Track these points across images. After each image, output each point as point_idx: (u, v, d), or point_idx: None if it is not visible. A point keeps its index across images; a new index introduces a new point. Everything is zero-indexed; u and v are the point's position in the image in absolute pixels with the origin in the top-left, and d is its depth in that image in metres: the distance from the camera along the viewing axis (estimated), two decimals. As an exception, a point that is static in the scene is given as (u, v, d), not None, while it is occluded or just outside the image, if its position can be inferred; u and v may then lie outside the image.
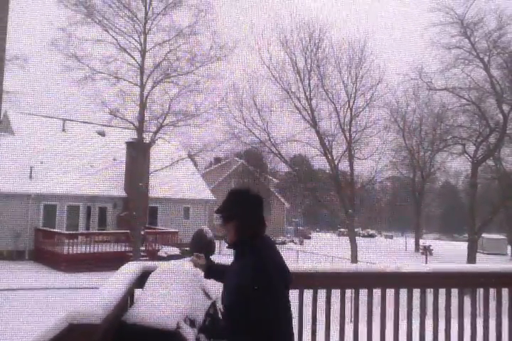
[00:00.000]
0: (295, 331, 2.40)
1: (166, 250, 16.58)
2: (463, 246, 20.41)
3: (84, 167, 19.09)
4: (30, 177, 17.73)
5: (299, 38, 20.29)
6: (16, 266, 15.88)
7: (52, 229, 18.08)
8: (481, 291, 3.55)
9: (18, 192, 17.30)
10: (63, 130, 20.29)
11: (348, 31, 26.08)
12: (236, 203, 2.32)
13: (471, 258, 19.07)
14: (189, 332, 2.52)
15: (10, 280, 12.78)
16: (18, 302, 9.91)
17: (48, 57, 16.47)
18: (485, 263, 18.07)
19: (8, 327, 8.17)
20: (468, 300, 3.45)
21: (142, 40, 17.94)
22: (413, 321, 3.31)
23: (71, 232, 18.08)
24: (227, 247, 2.32)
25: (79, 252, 16.92)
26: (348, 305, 3.27)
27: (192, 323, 2.59)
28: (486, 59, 19.99)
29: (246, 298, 2.05)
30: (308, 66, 20.54)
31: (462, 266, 4.64)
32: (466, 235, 21.97)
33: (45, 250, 17.40)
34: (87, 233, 18.64)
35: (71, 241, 17.07)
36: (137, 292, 2.99)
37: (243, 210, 2.29)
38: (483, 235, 21.82)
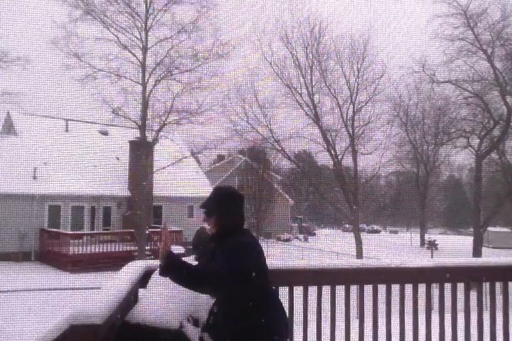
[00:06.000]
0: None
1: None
2: (468, 240, 20.33)
3: (87, 167, 19.10)
4: (34, 177, 17.76)
5: (299, 33, 20.23)
6: (22, 267, 15.94)
7: (57, 230, 18.12)
8: (487, 285, 3.51)
9: (22, 193, 17.32)
10: (66, 130, 20.30)
11: (349, 25, 25.93)
12: (215, 200, 2.55)
13: (477, 252, 19.00)
14: (192, 331, 2.51)
15: (16, 281, 12.82)
16: (24, 303, 9.94)
17: (49, 57, 16.46)
18: (491, 256, 18.00)
19: (15, 328, 8.19)
20: (475, 295, 3.41)
21: (143, 37, 17.89)
22: (419, 316, 3.28)
23: (76, 232, 18.12)
24: (211, 240, 2.56)
25: (84, 252, 16.96)
26: (353, 302, 3.25)
27: (195, 322, 2.57)
28: (489, 50, 19.83)
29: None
30: (310, 61, 20.48)
31: (468, 259, 4.60)
32: (472, 229, 21.88)
33: (50, 251, 17.46)
34: (91, 233, 18.68)
35: (76, 241, 17.11)
36: (141, 291, 2.98)
37: (221, 206, 2.51)
38: (488, 229, 21.72)
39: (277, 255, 19.97)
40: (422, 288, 3.34)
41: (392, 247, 21.87)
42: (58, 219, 18.79)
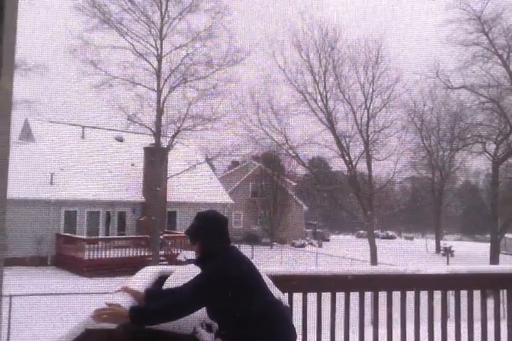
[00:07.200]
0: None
1: (185, 254, 16.64)
2: (485, 246, 20.03)
3: (103, 173, 19.29)
4: (51, 183, 17.97)
5: (313, 39, 20.22)
6: (38, 272, 16.10)
7: (73, 235, 18.28)
8: (504, 293, 3.46)
9: (39, 198, 17.53)
10: (82, 137, 20.54)
11: (363, 31, 25.84)
12: (198, 226, 2.60)
13: (494, 259, 18.70)
14: (206, 337, 2.51)
15: (33, 286, 12.95)
16: (41, 307, 10.04)
17: (66, 65, 16.70)
18: (508, 264, 17.71)
19: (32, 332, 8.27)
20: (492, 302, 3.36)
21: (158, 45, 18.05)
22: (434, 323, 3.24)
23: (91, 237, 18.27)
24: (195, 264, 2.59)
25: (99, 257, 17.09)
26: (368, 309, 3.23)
27: (209, 328, 2.58)
28: (504, 55, 19.62)
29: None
30: (324, 67, 20.45)
31: (485, 267, 4.54)
32: (489, 235, 21.56)
33: (66, 255, 17.61)
34: (106, 238, 18.81)
35: (91, 246, 17.25)
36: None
37: (203, 233, 2.57)
38: (506, 235, 21.39)
39: (291, 260, 19.90)
40: (437, 295, 3.30)
41: (407, 254, 21.64)
42: (74, 225, 18.97)
